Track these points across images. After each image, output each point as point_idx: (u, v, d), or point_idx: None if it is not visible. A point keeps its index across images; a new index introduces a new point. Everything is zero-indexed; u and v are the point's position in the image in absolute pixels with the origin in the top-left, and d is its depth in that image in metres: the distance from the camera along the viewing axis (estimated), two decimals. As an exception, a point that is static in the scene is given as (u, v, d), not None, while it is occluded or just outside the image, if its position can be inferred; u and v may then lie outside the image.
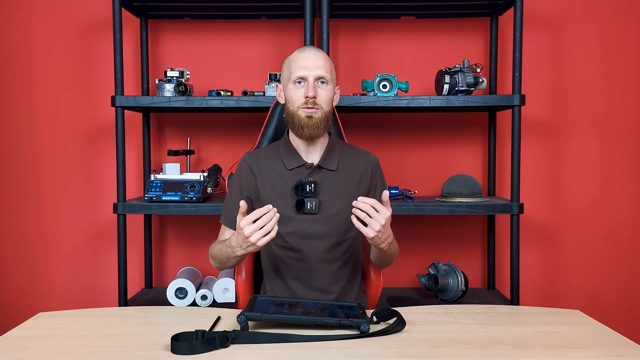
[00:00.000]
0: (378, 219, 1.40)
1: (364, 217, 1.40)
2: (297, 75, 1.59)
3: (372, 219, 1.40)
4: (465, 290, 2.42)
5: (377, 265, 1.71)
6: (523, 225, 2.59)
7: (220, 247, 1.58)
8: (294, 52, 1.65)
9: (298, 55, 1.62)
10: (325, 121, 1.60)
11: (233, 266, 1.63)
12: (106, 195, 2.69)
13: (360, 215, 1.40)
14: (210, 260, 1.68)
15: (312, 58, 1.59)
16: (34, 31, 2.67)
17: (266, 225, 1.38)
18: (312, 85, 1.58)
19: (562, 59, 2.68)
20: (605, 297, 2.73)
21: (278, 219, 1.40)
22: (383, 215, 1.41)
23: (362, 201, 1.40)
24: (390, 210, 1.43)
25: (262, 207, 1.39)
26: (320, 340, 1.22)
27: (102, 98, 2.65)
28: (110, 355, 1.16)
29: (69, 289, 2.73)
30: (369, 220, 1.41)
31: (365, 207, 1.40)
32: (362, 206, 1.40)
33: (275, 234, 1.40)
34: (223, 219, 1.68)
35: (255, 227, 1.38)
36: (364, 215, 1.40)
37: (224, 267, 1.64)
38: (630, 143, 2.69)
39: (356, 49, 2.69)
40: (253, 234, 1.39)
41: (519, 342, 1.24)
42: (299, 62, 1.60)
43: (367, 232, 1.42)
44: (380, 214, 1.40)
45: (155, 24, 2.69)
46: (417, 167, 2.70)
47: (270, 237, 1.39)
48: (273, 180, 1.64)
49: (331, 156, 1.66)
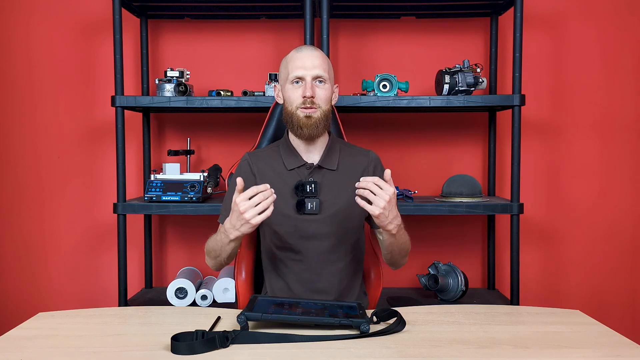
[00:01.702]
0: (382, 196, 1.39)
1: (368, 195, 1.39)
2: (294, 75, 1.58)
3: (376, 196, 1.39)
4: (465, 290, 2.42)
5: (391, 262, 1.68)
6: (523, 225, 2.59)
7: (215, 236, 1.57)
8: (291, 51, 1.64)
9: (295, 54, 1.61)
10: (324, 120, 1.60)
11: (227, 259, 1.59)
12: (106, 195, 2.68)
13: (363, 193, 1.39)
14: (206, 258, 1.66)
15: (309, 57, 1.59)
16: (34, 31, 2.67)
17: (262, 202, 1.38)
18: (310, 84, 1.57)
19: (562, 59, 2.68)
20: (605, 297, 2.73)
21: (274, 200, 1.39)
22: (387, 192, 1.39)
23: (364, 179, 1.40)
24: (393, 188, 1.41)
25: (260, 185, 1.38)
26: (320, 340, 1.22)
27: (102, 98, 2.65)
28: (110, 355, 1.16)
29: (69, 289, 2.73)
30: (372, 197, 1.39)
31: (368, 184, 1.39)
32: (365, 184, 1.39)
33: (270, 213, 1.38)
34: (221, 219, 1.67)
35: (251, 204, 1.37)
36: (368, 193, 1.39)
37: (219, 263, 1.61)
38: (630, 143, 2.69)
39: (356, 49, 2.69)
40: (248, 210, 1.38)
41: (519, 342, 1.24)
42: (296, 62, 1.59)
43: (373, 210, 1.40)
44: (384, 191, 1.39)
45: (155, 24, 2.69)
46: (417, 167, 2.70)
47: (265, 216, 1.38)
48: (273, 181, 1.63)
49: (331, 156, 1.66)
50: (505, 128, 2.65)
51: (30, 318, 1.41)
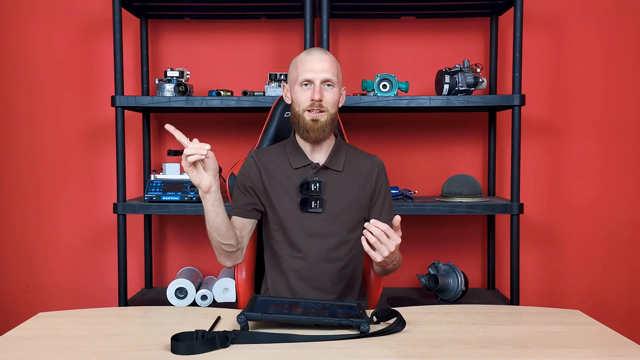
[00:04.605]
0: (388, 245, 1.38)
1: (374, 242, 1.38)
2: (303, 77, 1.59)
3: (382, 244, 1.39)
4: (465, 290, 2.42)
5: (380, 274, 1.71)
6: (523, 225, 2.59)
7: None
8: (301, 53, 1.65)
9: (305, 57, 1.62)
10: (330, 124, 1.61)
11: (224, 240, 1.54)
12: (106, 195, 2.68)
13: (371, 239, 1.38)
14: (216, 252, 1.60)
15: (319, 61, 1.59)
16: (33, 31, 2.67)
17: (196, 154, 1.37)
18: (319, 88, 1.58)
19: (562, 59, 2.68)
20: (605, 297, 2.73)
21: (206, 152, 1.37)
22: (393, 242, 1.39)
23: (375, 225, 1.38)
24: (400, 234, 1.41)
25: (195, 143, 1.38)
26: (320, 340, 1.22)
27: (102, 98, 2.65)
28: (110, 355, 1.16)
29: (69, 289, 2.73)
30: (378, 245, 1.39)
31: (377, 232, 1.37)
32: (375, 230, 1.38)
33: (203, 157, 1.37)
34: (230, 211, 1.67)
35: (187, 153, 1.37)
36: (375, 241, 1.38)
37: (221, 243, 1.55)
38: (630, 143, 2.69)
39: (356, 49, 2.69)
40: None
41: (519, 342, 1.24)
42: (305, 65, 1.60)
43: (375, 257, 1.40)
44: (391, 240, 1.38)
45: (155, 24, 2.69)
46: (417, 167, 2.70)
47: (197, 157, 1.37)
48: (279, 178, 1.64)
49: (337, 157, 1.67)
50: (505, 128, 2.65)
51: (30, 318, 1.41)
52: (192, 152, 1.36)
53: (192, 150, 1.37)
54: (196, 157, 1.36)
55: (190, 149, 1.37)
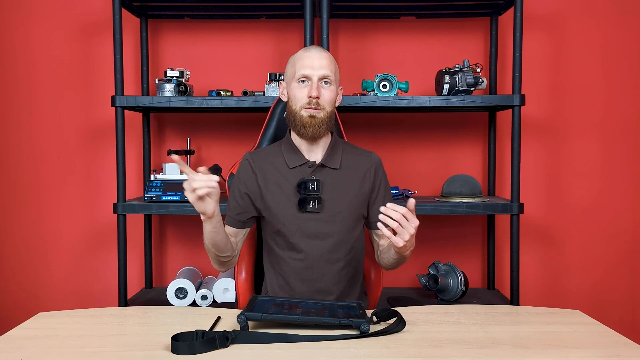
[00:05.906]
0: (408, 229, 1.37)
1: (397, 227, 1.37)
2: (301, 73, 1.58)
3: (403, 228, 1.37)
4: (465, 290, 2.42)
5: (386, 267, 1.67)
6: (523, 225, 2.59)
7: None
8: (299, 50, 1.65)
9: (303, 54, 1.61)
10: (327, 122, 1.60)
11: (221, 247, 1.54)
12: (106, 195, 2.68)
13: (393, 225, 1.37)
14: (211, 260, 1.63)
15: (317, 58, 1.59)
16: (34, 31, 2.67)
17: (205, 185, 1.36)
18: (316, 85, 1.57)
19: (562, 59, 2.68)
20: (605, 297, 2.73)
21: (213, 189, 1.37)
22: (413, 225, 1.38)
23: (393, 209, 1.36)
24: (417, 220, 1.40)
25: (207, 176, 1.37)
26: (320, 340, 1.22)
27: (102, 98, 2.65)
28: (110, 355, 1.16)
29: (69, 289, 2.73)
30: (400, 230, 1.37)
31: (398, 216, 1.36)
32: (394, 215, 1.36)
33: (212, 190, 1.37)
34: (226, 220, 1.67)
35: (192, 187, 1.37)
36: (397, 225, 1.36)
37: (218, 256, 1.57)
38: (630, 143, 2.69)
39: (356, 49, 2.69)
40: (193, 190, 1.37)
41: (519, 342, 1.24)
42: (304, 61, 1.59)
43: (397, 242, 1.38)
44: (411, 223, 1.38)
45: (155, 24, 2.69)
46: (417, 167, 2.70)
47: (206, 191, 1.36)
48: (275, 179, 1.63)
49: (334, 155, 1.66)
50: (505, 128, 2.65)
51: (30, 318, 1.41)
52: (200, 186, 1.36)
53: (201, 184, 1.36)
54: (205, 191, 1.36)
55: (198, 183, 1.36)
